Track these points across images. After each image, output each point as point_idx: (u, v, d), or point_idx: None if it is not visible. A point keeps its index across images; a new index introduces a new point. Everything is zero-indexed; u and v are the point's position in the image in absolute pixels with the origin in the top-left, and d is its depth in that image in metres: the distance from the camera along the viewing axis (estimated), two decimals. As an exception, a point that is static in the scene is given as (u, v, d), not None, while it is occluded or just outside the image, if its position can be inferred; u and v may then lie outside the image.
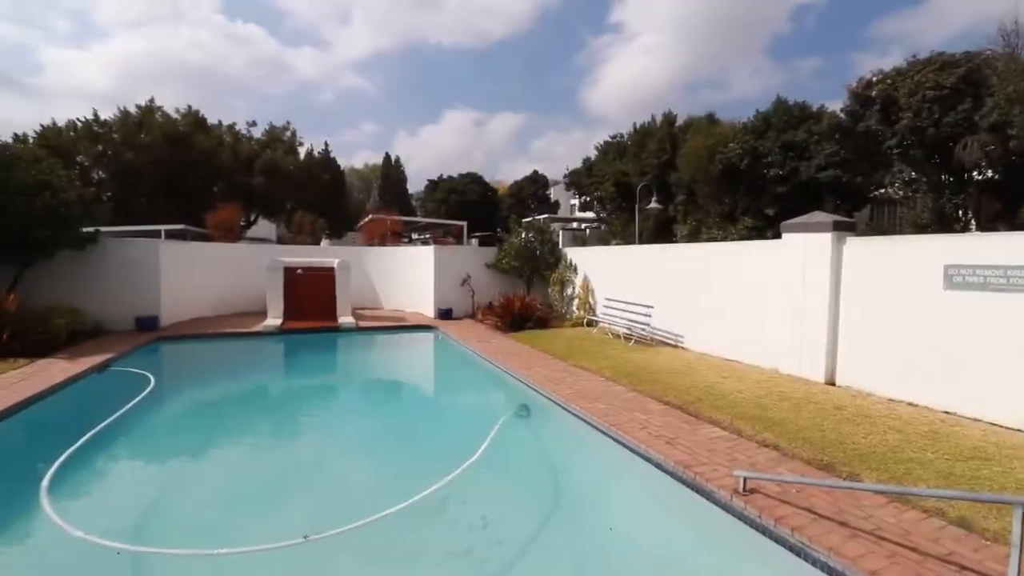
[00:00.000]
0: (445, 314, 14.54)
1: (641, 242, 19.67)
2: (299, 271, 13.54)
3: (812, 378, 7.50)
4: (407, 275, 16.27)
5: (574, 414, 6.33)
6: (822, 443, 5.07)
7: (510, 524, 4.25)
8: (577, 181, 32.08)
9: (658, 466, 4.78)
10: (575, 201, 43.54)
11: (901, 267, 6.59)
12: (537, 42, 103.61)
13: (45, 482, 4.59)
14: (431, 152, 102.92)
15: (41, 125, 24.53)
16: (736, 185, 17.99)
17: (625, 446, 5.29)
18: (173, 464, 5.65)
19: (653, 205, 17.60)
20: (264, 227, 34.57)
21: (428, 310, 15.06)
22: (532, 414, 6.77)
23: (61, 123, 25.01)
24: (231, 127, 30.90)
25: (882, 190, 17.46)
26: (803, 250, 7.71)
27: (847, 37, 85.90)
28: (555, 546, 3.94)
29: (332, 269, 13.75)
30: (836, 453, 4.83)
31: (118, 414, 6.45)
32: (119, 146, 25.18)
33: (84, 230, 11.03)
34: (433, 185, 53.23)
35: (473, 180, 50.18)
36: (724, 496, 4.06)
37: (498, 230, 37.61)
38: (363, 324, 13.28)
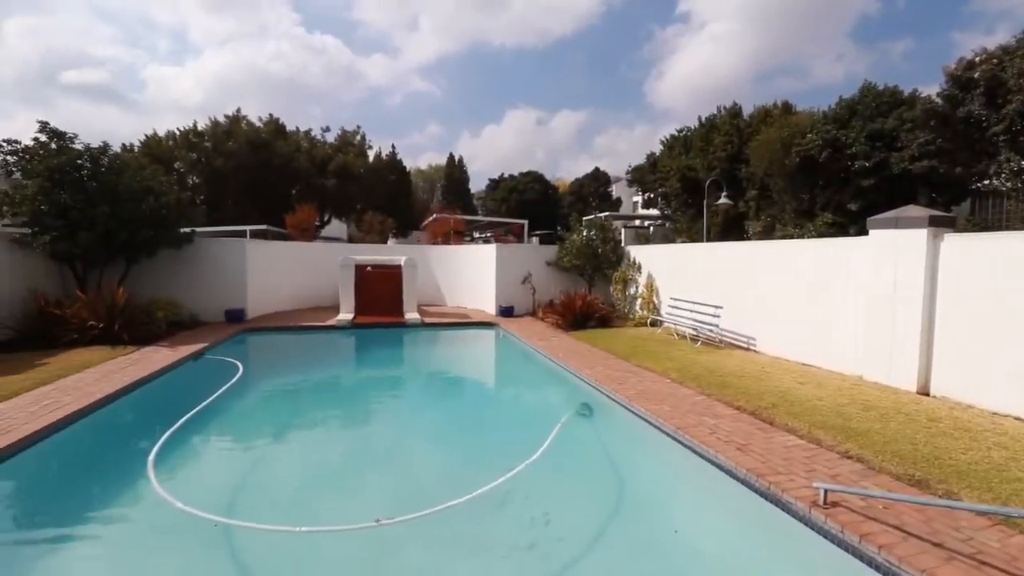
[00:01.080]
0: (506, 312, 14.71)
1: (709, 239, 18.92)
2: (369, 268, 14.19)
3: (902, 387, 6.91)
4: (469, 273, 16.60)
5: (638, 415, 6.22)
6: (914, 457, 4.67)
7: (572, 521, 4.26)
8: (640, 177, 31.34)
9: (728, 473, 4.61)
10: (638, 198, 42.53)
11: (1012, 267, 5.92)
12: (601, 37, 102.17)
13: (151, 457, 5.12)
14: (493, 152, 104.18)
15: (145, 135, 27.25)
16: (814, 178, 16.88)
17: (692, 450, 5.13)
18: (260, 445, 6.11)
19: (723, 201, 16.84)
20: (336, 227, 36.44)
21: (490, 307, 15.29)
22: (594, 413, 6.72)
23: (161, 133, 27.64)
24: (307, 133, 32.82)
25: (986, 182, 15.74)
26: (894, 248, 7.11)
27: (946, 15, 78.08)
28: (618, 546, 3.90)
29: (399, 267, 14.30)
30: (930, 469, 4.44)
31: (212, 398, 7.07)
32: (210, 153, 27.46)
33: (182, 231, 12.15)
34: (494, 184, 53.89)
35: (534, 179, 50.31)
36: (801, 508, 3.85)
37: (558, 228, 37.47)
38: (428, 320, 13.71)
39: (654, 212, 32.47)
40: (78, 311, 9.63)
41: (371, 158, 34.67)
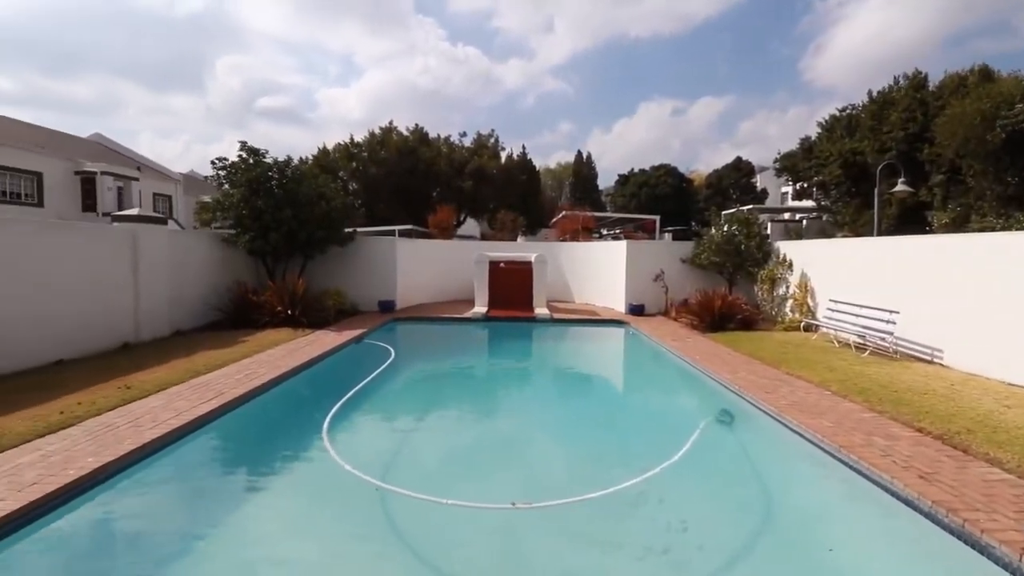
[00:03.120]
0: (637, 310, 14.30)
1: (880, 234, 16.37)
2: (501, 264, 14.82)
3: None
4: (598, 270, 16.45)
5: (790, 428, 5.65)
6: None
7: (713, 531, 4.03)
8: (792, 165, 28.17)
9: (906, 502, 3.98)
10: (787, 189, 38.30)
11: None
12: (749, 15, 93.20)
13: (325, 424, 5.95)
14: (624, 147, 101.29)
15: (317, 148, 31.53)
16: (1030, 158, 13.68)
17: (858, 472, 4.52)
18: (410, 422, 6.78)
19: (899, 188, 14.36)
20: (471, 225, 38.57)
21: (619, 305, 15.00)
22: (736, 422, 6.25)
23: (329, 146, 31.76)
24: (447, 139, 35.22)
25: None
26: None
27: None
28: (764, 562, 3.60)
29: (530, 263, 14.70)
30: None
31: (371, 377, 8.00)
32: (366, 162, 30.87)
33: (346, 231, 13.89)
34: (623, 180, 52.53)
35: (666, 172, 48.03)
36: (1009, 555, 3.18)
37: (693, 223, 35.30)
38: (557, 316, 13.90)
39: (808, 204, 28.98)
40: (269, 298, 11.53)
41: (503, 159, 36.04)
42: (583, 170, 56.77)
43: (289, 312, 11.33)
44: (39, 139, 27.30)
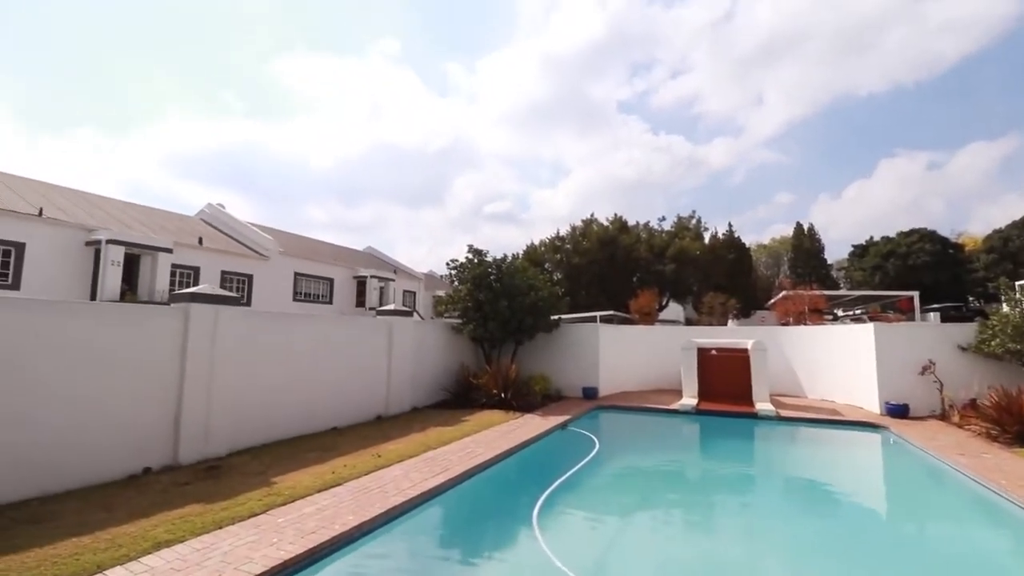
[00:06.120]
0: (898, 411, 11.45)
1: None
2: (712, 352, 13.70)
3: None
4: (836, 359, 13.91)
5: None
6: None
7: None
8: None
9: None
10: None
11: None
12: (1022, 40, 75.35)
13: (535, 512, 6.04)
14: (860, 213, 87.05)
15: (525, 245, 35.09)
16: None
17: None
18: (618, 521, 6.43)
19: None
20: (673, 309, 37.14)
21: (871, 404, 12.25)
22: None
23: (536, 242, 35.06)
24: (646, 224, 35.70)
25: None
26: None
27: None
28: None
29: (746, 350, 13.27)
30: None
31: (577, 467, 7.97)
32: (570, 253, 32.99)
33: (552, 318, 14.76)
34: (860, 251, 45.00)
35: (921, 238, 39.65)
36: None
37: (969, 299, 27.66)
38: (785, 413, 12.00)
39: None
40: (487, 382, 12.69)
41: (707, 239, 34.59)
42: (805, 243, 50.58)
43: (502, 395, 12.24)
44: (333, 254, 36.59)
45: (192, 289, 7.82)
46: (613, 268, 31.64)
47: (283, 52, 75.61)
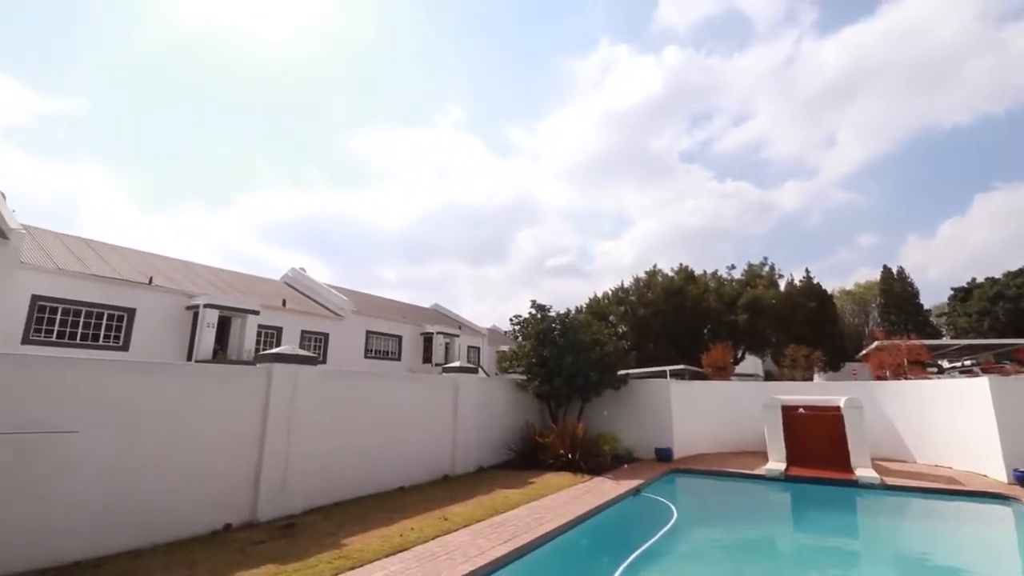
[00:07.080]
0: (1033, 480, 9.82)
1: None
2: (800, 410, 12.57)
3: None
4: (947, 418, 12.31)
5: None
6: None
7: None
8: None
9: None
10: None
11: None
12: None
13: (610, 589, 5.60)
14: (958, 253, 79.10)
15: (588, 298, 34.76)
16: None
17: None
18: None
19: None
20: (750, 362, 34.87)
21: (994, 470, 10.62)
22: None
23: (599, 294, 34.67)
24: (714, 273, 34.45)
25: None
26: None
27: None
28: None
29: (838, 408, 12.06)
30: None
31: (654, 539, 7.35)
32: (635, 305, 32.26)
33: (619, 373, 14.25)
34: (962, 295, 40.74)
35: (1038, 278, 35.32)
36: None
37: (1114, 348, 23.80)
38: (890, 481, 10.63)
39: None
40: (553, 441, 12.30)
41: (783, 287, 32.71)
42: (895, 287, 46.48)
43: (570, 455, 11.78)
44: (401, 311, 38.01)
45: (275, 350, 8.34)
46: (681, 319, 30.45)
47: (358, 127, 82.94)
